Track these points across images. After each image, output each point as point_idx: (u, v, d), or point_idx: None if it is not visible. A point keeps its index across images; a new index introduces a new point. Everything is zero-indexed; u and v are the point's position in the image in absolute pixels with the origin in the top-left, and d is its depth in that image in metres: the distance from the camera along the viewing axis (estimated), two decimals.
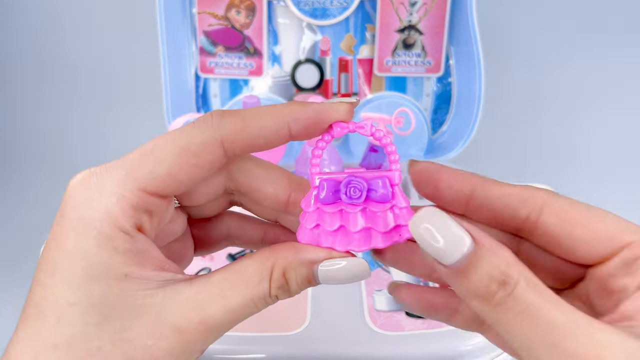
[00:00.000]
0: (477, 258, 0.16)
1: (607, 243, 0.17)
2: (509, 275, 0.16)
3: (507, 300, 0.16)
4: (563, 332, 0.15)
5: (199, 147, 0.18)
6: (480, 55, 0.53)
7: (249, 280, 0.18)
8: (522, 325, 0.16)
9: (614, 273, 0.17)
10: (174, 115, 0.57)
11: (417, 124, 0.57)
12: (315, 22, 0.56)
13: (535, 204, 0.19)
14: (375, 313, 0.38)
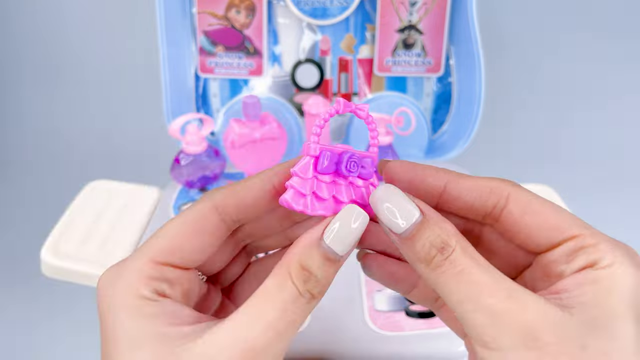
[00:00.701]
0: (422, 227, 0.19)
1: (557, 232, 0.20)
2: (447, 243, 0.19)
3: (444, 263, 0.19)
4: (489, 291, 0.18)
5: (195, 215, 0.21)
6: (481, 55, 0.53)
7: (273, 291, 0.19)
8: (456, 285, 0.18)
9: (556, 260, 0.20)
10: (173, 115, 0.57)
11: (417, 124, 0.57)
12: (315, 21, 0.56)
13: (502, 194, 0.21)
14: (375, 313, 0.38)
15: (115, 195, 0.52)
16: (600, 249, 0.19)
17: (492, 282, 0.18)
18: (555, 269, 0.20)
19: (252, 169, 0.54)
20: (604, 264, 0.18)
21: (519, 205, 0.21)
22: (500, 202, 0.21)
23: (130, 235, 0.47)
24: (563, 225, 0.20)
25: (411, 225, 0.19)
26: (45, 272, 0.45)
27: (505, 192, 0.21)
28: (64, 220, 0.48)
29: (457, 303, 0.18)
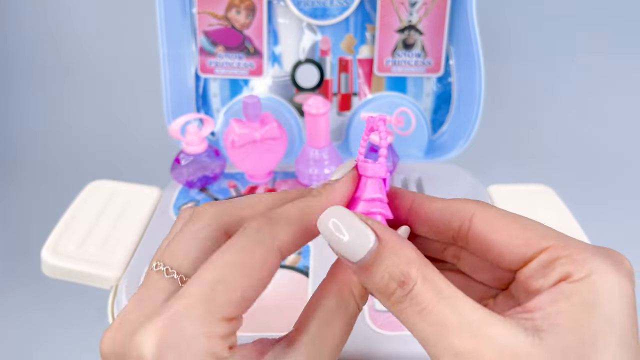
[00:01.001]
0: (380, 256, 0.17)
1: (527, 248, 0.18)
2: (408, 275, 0.17)
3: (405, 299, 0.17)
4: (453, 331, 0.16)
5: (261, 262, 0.18)
6: (481, 55, 0.53)
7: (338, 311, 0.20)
8: (419, 324, 0.17)
9: (532, 275, 0.18)
10: (174, 115, 0.57)
11: (417, 124, 0.57)
12: (315, 22, 0.56)
13: (465, 215, 0.20)
14: (375, 313, 0.38)
15: (115, 195, 0.52)
16: (575, 259, 0.17)
17: (456, 319, 0.17)
18: (533, 285, 0.18)
19: (252, 169, 0.54)
20: (580, 275, 0.17)
21: (483, 225, 0.20)
22: (465, 223, 0.20)
23: (130, 235, 0.47)
24: (533, 238, 0.19)
25: (367, 252, 0.18)
26: (45, 272, 0.45)
27: (469, 213, 0.20)
28: (64, 220, 0.48)
29: (422, 341, 0.17)
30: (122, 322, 0.18)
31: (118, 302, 0.40)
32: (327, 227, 0.18)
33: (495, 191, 0.53)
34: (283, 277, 0.41)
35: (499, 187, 0.54)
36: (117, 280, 0.43)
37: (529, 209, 0.50)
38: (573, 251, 0.17)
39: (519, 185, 0.54)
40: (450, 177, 0.56)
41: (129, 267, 0.43)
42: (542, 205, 0.50)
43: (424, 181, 0.54)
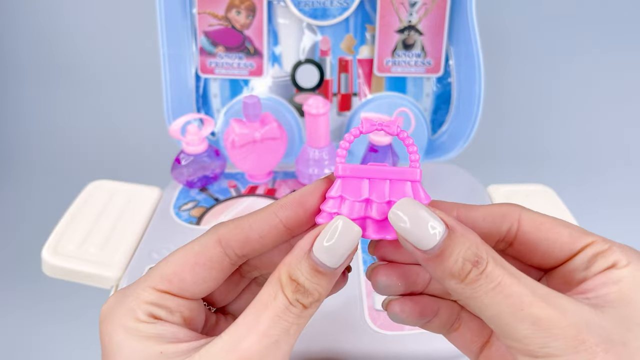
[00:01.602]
0: (452, 242, 0.19)
1: (572, 243, 0.21)
2: (480, 256, 0.19)
3: (480, 277, 0.18)
4: (529, 301, 0.18)
5: (198, 247, 0.21)
6: (480, 56, 0.54)
7: (266, 301, 0.19)
8: (494, 299, 0.18)
9: (576, 268, 0.20)
10: (174, 115, 0.57)
11: (417, 124, 0.57)
12: (315, 22, 0.56)
13: (514, 217, 0.22)
14: (375, 313, 0.38)
15: (116, 195, 0.52)
16: (615, 252, 0.20)
17: (528, 291, 0.18)
18: (577, 276, 0.20)
19: (252, 168, 0.54)
20: (623, 264, 0.19)
21: (532, 225, 0.21)
22: (514, 224, 0.22)
23: (131, 235, 0.47)
24: (576, 235, 0.21)
25: (439, 240, 0.19)
26: (46, 272, 0.45)
27: (516, 215, 0.22)
28: (64, 220, 0.48)
29: (496, 317, 0.18)
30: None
31: None
32: (398, 221, 0.19)
33: (495, 191, 0.53)
34: None
35: (499, 187, 0.54)
36: (117, 280, 0.43)
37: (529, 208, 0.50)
38: (612, 245, 0.20)
39: (519, 185, 0.54)
40: (450, 177, 0.56)
41: (129, 267, 0.43)
42: (542, 205, 0.50)
43: (424, 181, 0.54)
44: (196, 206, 0.51)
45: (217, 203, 0.52)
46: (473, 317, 0.24)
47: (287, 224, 0.21)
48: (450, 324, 0.24)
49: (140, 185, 0.54)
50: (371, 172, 0.21)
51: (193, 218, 0.49)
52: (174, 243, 0.45)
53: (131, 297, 0.21)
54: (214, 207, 0.51)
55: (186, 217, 0.49)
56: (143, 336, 0.20)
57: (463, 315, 0.24)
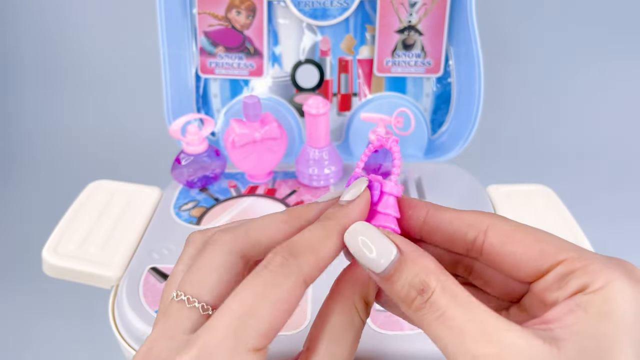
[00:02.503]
0: (401, 266, 0.19)
1: (542, 259, 0.19)
2: (427, 284, 0.18)
3: (425, 306, 0.18)
4: (471, 336, 0.17)
5: (289, 294, 0.19)
6: (480, 56, 0.54)
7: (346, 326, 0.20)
8: (437, 329, 0.18)
9: (549, 287, 0.19)
10: (174, 115, 0.57)
11: (416, 124, 0.57)
12: (315, 22, 0.56)
13: (481, 227, 0.21)
14: (375, 313, 0.38)
15: (116, 195, 0.52)
16: (590, 271, 0.18)
17: (473, 325, 0.17)
18: (550, 297, 0.19)
19: (253, 168, 0.54)
20: (596, 286, 0.17)
21: (499, 237, 0.20)
22: (480, 235, 0.21)
23: (131, 235, 0.47)
24: (548, 250, 0.19)
25: (390, 264, 0.19)
26: (46, 272, 0.45)
27: (484, 225, 0.21)
28: (65, 220, 0.48)
29: (440, 346, 0.18)
30: (150, 351, 0.19)
31: (118, 301, 0.40)
32: (355, 243, 0.20)
33: (495, 191, 0.53)
34: None
35: (499, 187, 0.54)
36: (117, 280, 0.43)
37: (528, 208, 0.50)
38: (587, 263, 0.18)
39: (518, 185, 0.54)
40: (450, 177, 0.56)
41: (130, 266, 0.43)
42: (542, 205, 0.50)
43: (424, 181, 0.54)
44: (196, 206, 0.51)
45: (217, 203, 0.52)
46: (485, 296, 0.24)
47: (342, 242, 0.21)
48: None
49: (141, 185, 0.54)
50: None
51: (193, 218, 0.49)
52: (174, 243, 0.45)
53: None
54: (214, 207, 0.51)
55: (186, 217, 0.49)
56: None
57: None
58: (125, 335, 0.38)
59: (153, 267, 0.43)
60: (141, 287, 0.41)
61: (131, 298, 0.39)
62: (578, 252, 0.19)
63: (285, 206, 0.51)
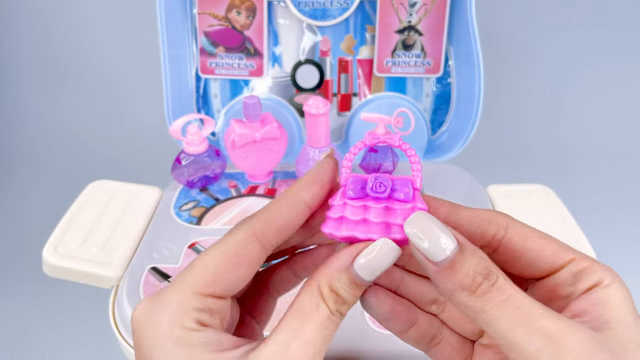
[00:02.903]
0: (463, 255, 0.19)
1: (556, 257, 0.21)
2: (491, 270, 0.19)
3: (491, 290, 0.19)
4: (539, 314, 0.18)
5: (236, 246, 0.21)
6: (480, 56, 0.54)
7: (309, 311, 0.20)
8: (505, 311, 0.18)
9: (562, 283, 0.21)
10: (174, 115, 0.57)
11: (416, 125, 0.57)
12: (315, 22, 0.56)
13: (501, 224, 0.22)
14: None
15: (116, 195, 0.52)
16: (597, 269, 0.20)
17: (538, 306, 0.18)
18: (562, 291, 0.21)
19: (253, 168, 0.54)
20: (607, 282, 0.20)
21: (517, 235, 0.21)
22: (500, 231, 0.22)
23: (131, 235, 0.47)
24: (560, 250, 0.21)
25: (451, 253, 0.19)
26: (46, 272, 0.45)
27: (504, 222, 0.22)
28: (65, 220, 0.48)
29: (506, 330, 0.18)
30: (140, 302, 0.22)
31: (119, 301, 0.40)
32: (415, 233, 0.20)
33: (495, 191, 0.53)
34: None
35: (498, 187, 0.54)
36: (118, 279, 0.43)
37: (528, 208, 0.50)
38: (591, 262, 0.20)
39: (518, 185, 0.54)
40: (450, 177, 0.56)
41: (130, 266, 0.43)
42: (541, 205, 0.50)
43: (424, 181, 0.55)
44: (196, 206, 0.51)
45: (217, 203, 0.52)
46: (454, 333, 0.25)
47: (308, 203, 0.22)
48: (428, 338, 0.25)
49: (141, 185, 0.54)
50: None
51: (193, 218, 0.49)
52: (174, 243, 0.46)
53: (173, 303, 0.20)
54: (214, 207, 0.51)
55: (186, 217, 0.50)
56: (190, 345, 0.20)
57: (444, 331, 0.25)
58: (126, 335, 0.39)
59: (153, 267, 0.43)
60: (141, 286, 0.41)
61: (131, 298, 0.40)
62: (581, 254, 0.21)
63: None
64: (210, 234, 0.47)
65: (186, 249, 0.45)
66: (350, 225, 0.21)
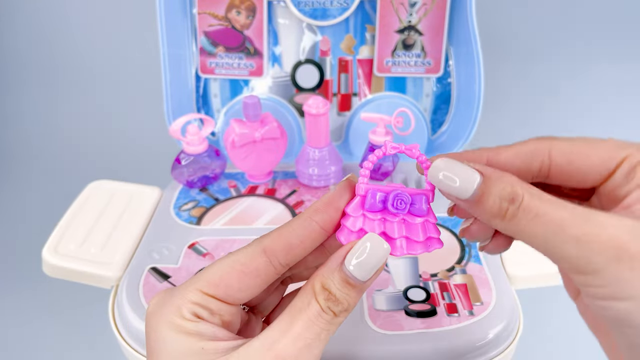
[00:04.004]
0: (487, 186, 0.20)
1: (607, 163, 0.21)
2: (516, 193, 0.20)
3: (518, 212, 0.20)
4: (570, 224, 0.19)
5: (244, 257, 0.23)
6: (480, 56, 0.54)
7: (301, 308, 0.21)
8: (535, 229, 0.19)
9: (618, 184, 0.21)
10: (174, 115, 0.57)
11: (416, 124, 0.57)
12: (315, 22, 0.56)
13: (544, 153, 0.23)
14: (374, 313, 0.38)
15: (116, 195, 0.52)
16: None
17: (567, 214, 0.19)
18: (621, 192, 0.21)
19: (253, 168, 0.54)
20: None
21: (562, 156, 0.22)
22: (545, 160, 0.23)
23: (131, 235, 0.47)
24: (610, 153, 0.22)
25: (476, 187, 0.21)
26: (46, 272, 0.45)
27: (546, 150, 0.23)
28: (65, 220, 0.48)
29: (541, 244, 0.19)
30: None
31: (118, 301, 0.40)
32: (439, 178, 0.21)
33: None
34: None
35: None
36: (117, 279, 0.43)
37: None
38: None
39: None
40: None
41: (130, 266, 0.43)
42: None
43: (424, 181, 0.55)
44: (196, 206, 0.51)
45: (217, 203, 0.52)
46: None
47: (323, 226, 0.23)
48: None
49: (141, 185, 0.54)
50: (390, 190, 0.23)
51: (193, 218, 0.49)
52: (174, 243, 0.46)
53: (178, 296, 0.22)
54: (214, 207, 0.51)
55: (186, 217, 0.49)
56: (186, 332, 0.21)
57: None
58: (125, 335, 0.39)
59: (153, 267, 0.43)
60: (141, 287, 0.41)
61: (131, 298, 0.40)
62: (635, 147, 0.22)
63: (285, 206, 0.51)
64: (210, 234, 0.47)
65: (186, 249, 0.45)
66: None
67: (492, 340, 0.36)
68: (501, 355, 0.36)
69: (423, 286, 0.40)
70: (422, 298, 0.39)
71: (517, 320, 0.39)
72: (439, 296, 0.39)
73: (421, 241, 0.23)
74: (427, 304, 0.38)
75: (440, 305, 0.38)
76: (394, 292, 0.40)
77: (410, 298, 0.39)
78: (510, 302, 0.38)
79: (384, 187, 0.23)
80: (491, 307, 0.38)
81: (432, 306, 0.38)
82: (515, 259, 0.43)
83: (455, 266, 0.42)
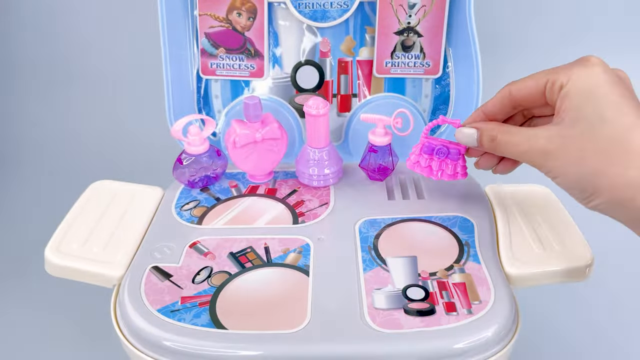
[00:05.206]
0: (481, 134, 0.41)
1: (540, 85, 0.38)
2: (493, 134, 0.39)
3: (497, 144, 0.39)
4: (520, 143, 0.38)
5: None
6: (479, 57, 0.54)
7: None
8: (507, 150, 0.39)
9: (550, 99, 0.37)
10: (176, 116, 0.57)
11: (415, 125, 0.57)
12: (315, 24, 0.56)
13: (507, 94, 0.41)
14: (374, 311, 0.38)
15: (118, 194, 0.53)
16: (559, 76, 0.35)
17: (520, 138, 0.37)
18: (553, 104, 0.37)
19: (253, 168, 0.55)
20: (564, 82, 0.35)
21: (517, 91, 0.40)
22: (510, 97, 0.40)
23: (133, 234, 0.47)
24: (539, 79, 0.38)
25: (476, 138, 0.41)
26: (49, 271, 0.45)
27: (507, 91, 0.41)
28: (67, 219, 0.49)
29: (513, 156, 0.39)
30: None
31: (120, 300, 0.41)
32: (460, 137, 0.43)
33: (493, 191, 0.54)
34: (284, 275, 0.41)
35: (497, 187, 0.54)
36: (119, 279, 0.43)
37: (527, 209, 0.50)
38: (558, 71, 0.36)
39: (518, 185, 0.54)
40: None
41: (132, 265, 0.44)
42: (541, 206, 0.51)
43: (423, 181, 0.55)
44: (197, 206, 0.52)
45: (218, 202, 0.52)
46: None
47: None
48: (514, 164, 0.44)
49: (143, 185, 0.54)
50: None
51: (194, 217, 0.50)
52: (175, 242, 0.46)
53: None
54: (215, 206, 0.52)
55: (188, 216, 0.50)
56: None
57: None
58: (127, 334, 0.39)
59: (155, 266, 0.43)
60: (143, 286, 0.41)
61: (133, 297, 0.40)
62: (552, 70, 0.36)
63: (286, 206, 0.51)
64: (211, 234, 0.47)
65: (187, 248, 0.45)
66: (420, 167, 0.48)
67: (491, 338, 0.36)
68: (499, 354, 0.37)
69: (422, 285, 0.40)
70: (421, 297, 0.39)
71: (515, 319, 0.39)
72: (438, 295, 0.39)
73: (450, 174, 0.47)
74: (426, 303, 0.39)
75: (439, 304, 0.38)
76: (393, 290, 0.40)
77: (409, 297, 0.39)
78: (509, 301, 0.39)
79: (437, 141, 0.47)
80: (489, 306, 0.38)
81: (431, 305, 0.38)
82: (513, 259, 0.43)
83: (454, 265, 0.42)
